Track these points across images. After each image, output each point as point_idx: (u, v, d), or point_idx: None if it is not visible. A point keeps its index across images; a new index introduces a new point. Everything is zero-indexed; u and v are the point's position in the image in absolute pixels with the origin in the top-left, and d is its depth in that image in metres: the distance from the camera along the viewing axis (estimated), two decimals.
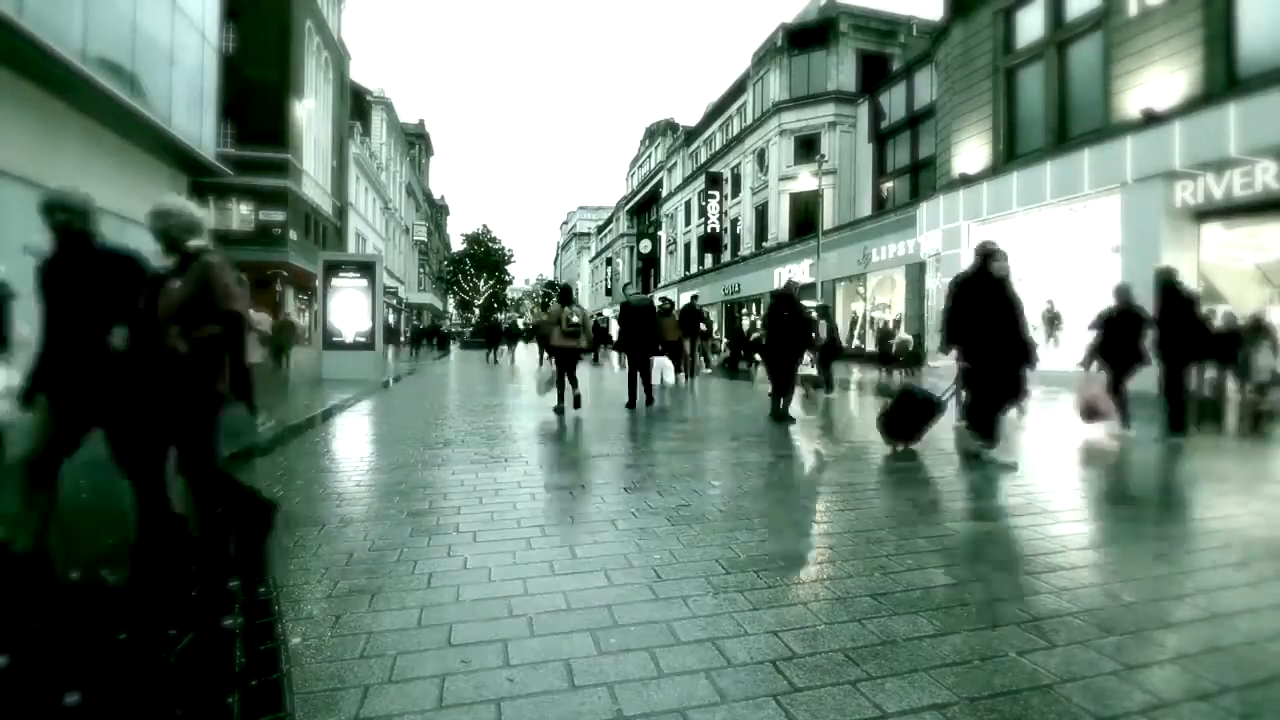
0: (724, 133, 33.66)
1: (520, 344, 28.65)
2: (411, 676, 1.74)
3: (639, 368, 7.90)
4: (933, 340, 14.71)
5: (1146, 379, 5.95)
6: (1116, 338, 5.92)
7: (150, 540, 2.47)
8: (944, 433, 5.99)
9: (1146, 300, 5.96)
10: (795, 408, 7.32)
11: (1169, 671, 1.81)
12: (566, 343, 7.27)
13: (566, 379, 7.28)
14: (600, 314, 32.13)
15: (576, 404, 7.28)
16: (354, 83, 35.21)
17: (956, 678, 1.75)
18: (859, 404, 9.22)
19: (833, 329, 10.48)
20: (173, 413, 2.38)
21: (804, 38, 26.27)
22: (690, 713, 1.59)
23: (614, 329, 18.26)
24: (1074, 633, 2.03)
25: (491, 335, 23.35)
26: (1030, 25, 13.76)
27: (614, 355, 19.09)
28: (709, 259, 33.79)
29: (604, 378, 13.26)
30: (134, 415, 2.43)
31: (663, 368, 10.87)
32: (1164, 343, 5.71)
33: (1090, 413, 5.81)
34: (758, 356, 16.81)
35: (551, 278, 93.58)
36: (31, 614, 2.11)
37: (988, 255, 4.86)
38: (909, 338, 15.94)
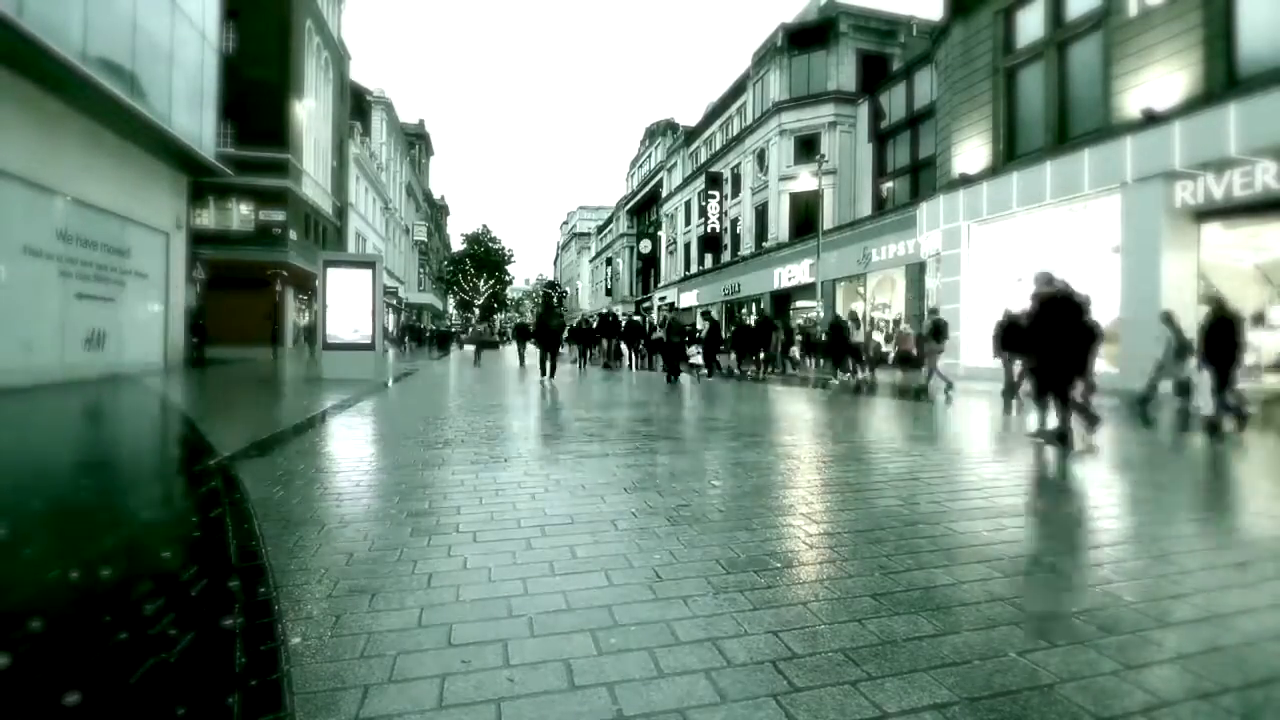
0: (724, 133, 33.66)
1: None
2: (411, 676, 1.74)
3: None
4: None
5: None
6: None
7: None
8: (948, 433, 5.99)
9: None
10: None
11: (1169, 671, 1.81)
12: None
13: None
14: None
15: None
16: (354, 83, 35.23)
17: (956, 678, 1.75)
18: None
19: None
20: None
21: (804, 38, 26.28)
22: (690, 713, 1.59)
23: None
24: (1074, 633, 2.03)
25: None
26: (1030, 25, 13.76)
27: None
28: (709, 259, 33.80)
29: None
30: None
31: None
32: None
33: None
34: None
35: (552, 278, 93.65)
36: (32, 614, 2.11)
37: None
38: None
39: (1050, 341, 5.54)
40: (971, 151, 15.00)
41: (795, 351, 19.65)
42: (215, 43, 14.94)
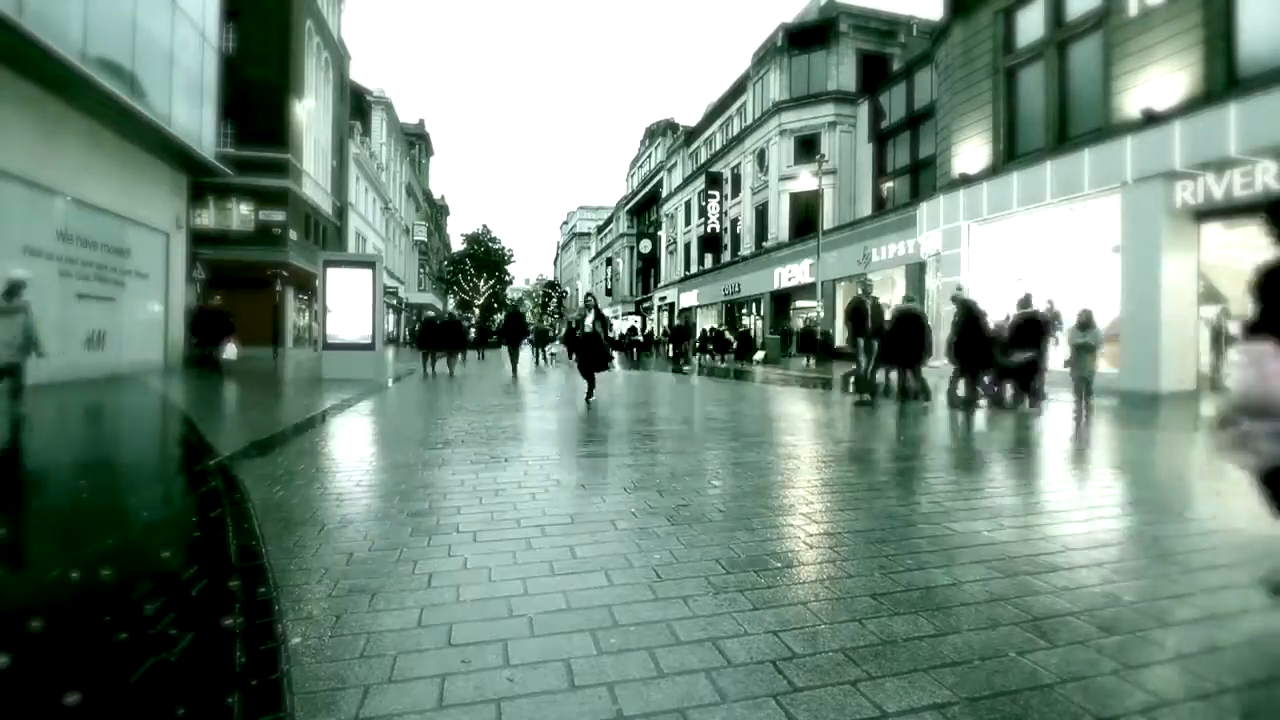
0: (724, 133, 33.65)
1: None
2: (411, 676, 1.74)
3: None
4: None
5: None
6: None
7: None
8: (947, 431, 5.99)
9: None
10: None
11: (1169, 671, 1.81)
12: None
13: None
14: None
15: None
16: (354, 83, 35.19)
17: (956, 678, 1.75)
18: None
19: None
20: None
21: (804, 37, 26.26)
22: (690, 713, 1.59)
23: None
24: (1074, 633, 2.03)
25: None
26: (1030, 25, 13.75)
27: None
28: (709, 259, 33.79)
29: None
30: None
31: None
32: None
33: None
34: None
35: (552, 278, 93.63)
36: (32, 614, 2.11)
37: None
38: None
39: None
40: (971, 151, 14.99)
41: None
42: (215, 43, 14.93)
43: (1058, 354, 13.15)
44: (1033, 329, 8.21)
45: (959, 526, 3.15)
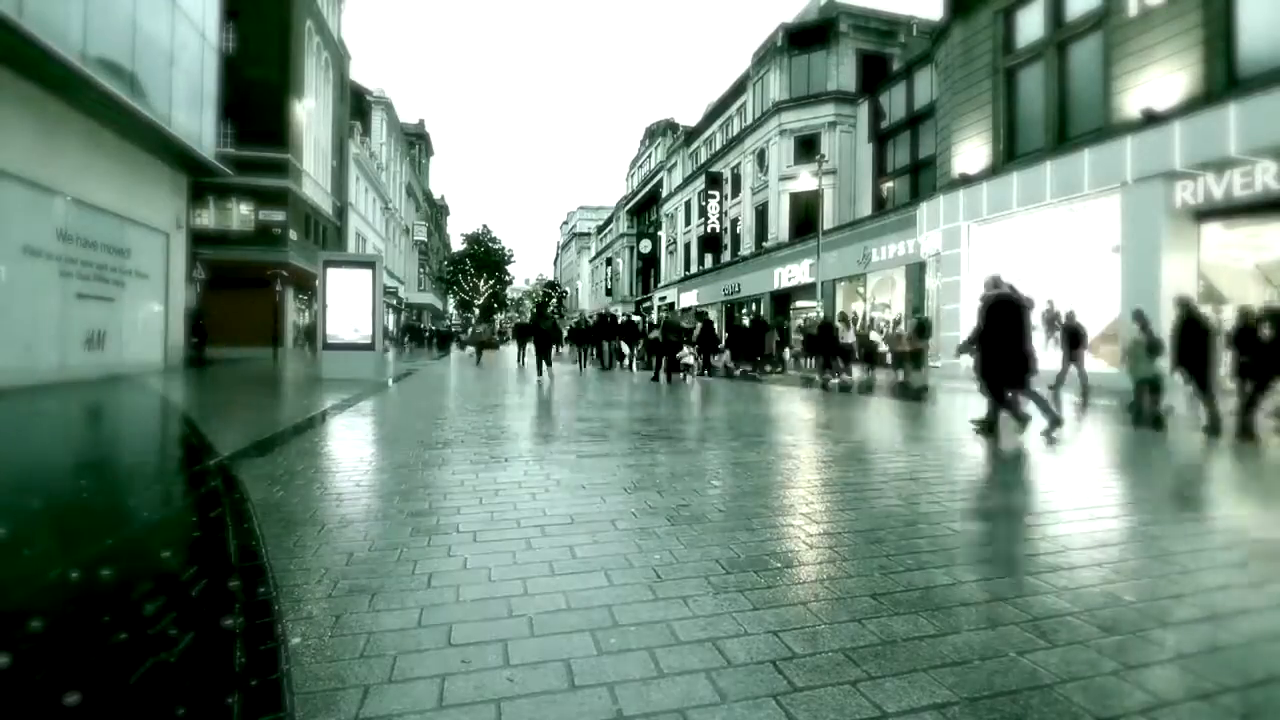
0: (724, 133, 33.64)
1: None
2: (411, 676, 1.74)
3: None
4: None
5: None
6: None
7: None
8: (948, 432, 6.00)
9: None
10: None
11: (1169, 671, 1.81)
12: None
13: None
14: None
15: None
16: (354, 83, 35.20)
17: (956, 678, 1.75)
18: None
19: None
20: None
21: (804, 37, 26.26)
22: (690, 713, 1.59)
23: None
24: (1074, 633, 2.03)
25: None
26: (1030, 25, 13.76)
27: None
28: (709, 259, 33.78)
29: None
30: None
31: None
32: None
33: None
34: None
35: (552, 278, 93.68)
36: (32, 614, 2.11)
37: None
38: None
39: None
40: (971, 151, 15.00)
41: (787, 352, 19.95)
42: (215, 43, 14.93)
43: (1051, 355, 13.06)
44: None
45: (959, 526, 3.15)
